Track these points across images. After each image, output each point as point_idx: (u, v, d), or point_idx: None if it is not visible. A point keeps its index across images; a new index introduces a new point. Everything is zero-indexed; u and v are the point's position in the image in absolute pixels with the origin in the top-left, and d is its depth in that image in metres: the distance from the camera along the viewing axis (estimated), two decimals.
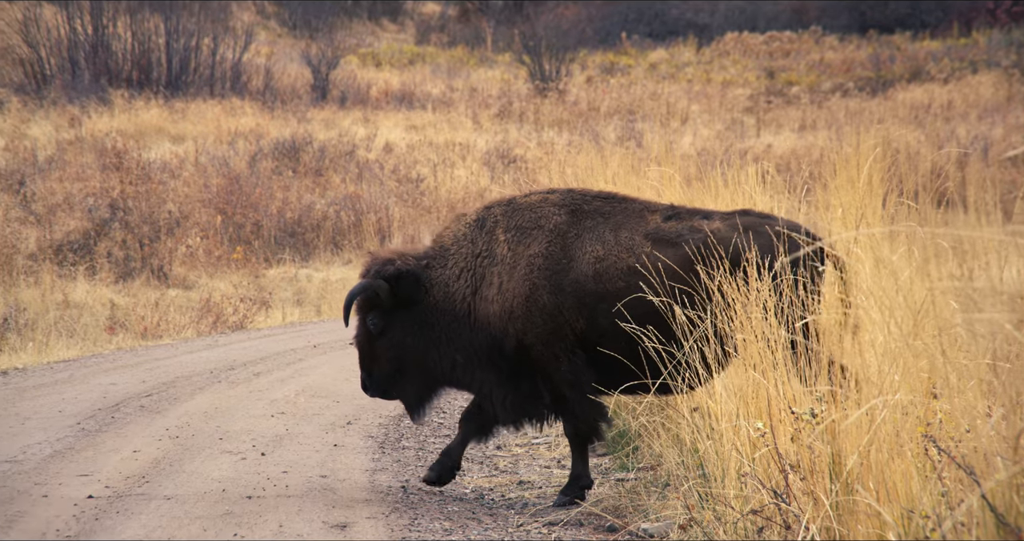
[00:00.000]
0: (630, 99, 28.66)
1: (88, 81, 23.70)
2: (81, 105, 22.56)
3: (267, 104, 24.92)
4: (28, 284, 13.31)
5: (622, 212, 5.82)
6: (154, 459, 6.49)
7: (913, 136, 21.39)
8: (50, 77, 23.69)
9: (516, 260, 5.79)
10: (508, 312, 5.77)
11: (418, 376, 5.96)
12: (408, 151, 22.50)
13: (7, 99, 22.33)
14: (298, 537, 5.11)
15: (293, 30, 35.03)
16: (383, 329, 5.93)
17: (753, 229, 5.59)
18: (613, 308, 5.63)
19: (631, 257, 5.66)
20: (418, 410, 6.07)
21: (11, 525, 5.17)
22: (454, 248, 5.94)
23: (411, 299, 5.91)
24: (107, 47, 24.38)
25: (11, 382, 9.19)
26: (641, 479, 6.10)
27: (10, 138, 19.56)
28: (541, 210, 5.85)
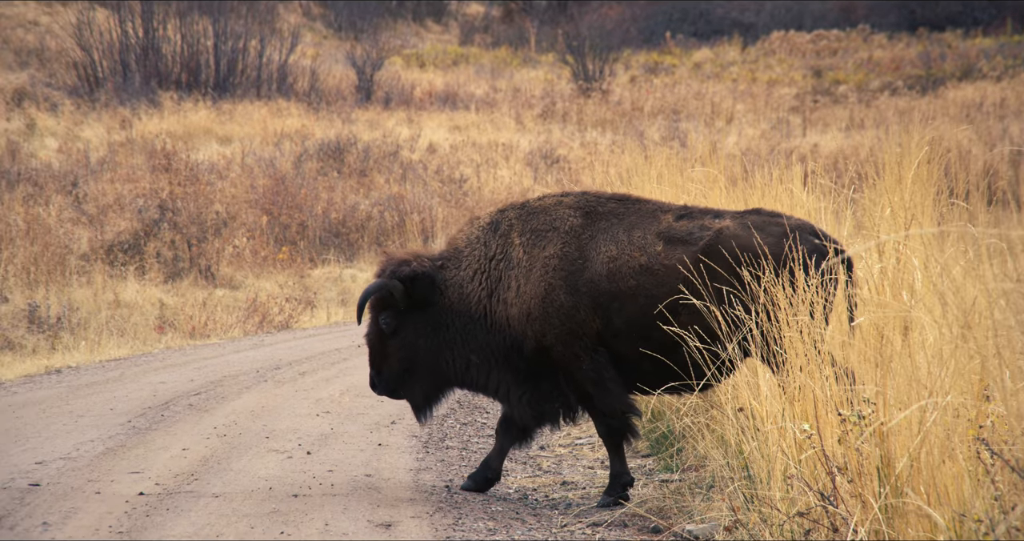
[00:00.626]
0: (674, 99, 28.51)
1: (139, 83, 24.06)
2: (132, 107, 22.91)
3: (312, 105, 25.12)
4: (81, 284, 13.54)
5: (636, 213, 5.85)
6: (202, 457, 6.57)
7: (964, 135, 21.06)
8: (102, 80, 24.08)
9: (532, 263, 5.83)
10: (526, 314, 5.81)
11: (428, 377, 6.01)
12: (451, 152, 22.57)
13: (61, 102, 22.73)
14: (343, 536, 5.15)
15: (338, 32, 35.29)
16: (395, 329, 5.97)
17: (762, 227, 5.60)
18: (625, 307, 5.67)
19: (643, 256, 5.70)
20: (424, 410, 6.11)
21: (66, 521, 5.27)
22: (468, 251, 5.99)
23: (425, 300, 5.95)
24: (157, 50, 24.74)
25: (65, 380, 9.36)
26: (685, 480, 6.07)
27: (64, 140, 19.91)
28: (555, 213, 5.89)
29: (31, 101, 22.66)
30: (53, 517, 5.30)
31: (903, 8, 37.21)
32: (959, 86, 29.16)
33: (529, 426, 6.00)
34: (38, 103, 22.59)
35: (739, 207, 7.49)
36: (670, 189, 8.75)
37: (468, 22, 38.65)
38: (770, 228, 5.61)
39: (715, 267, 5.54)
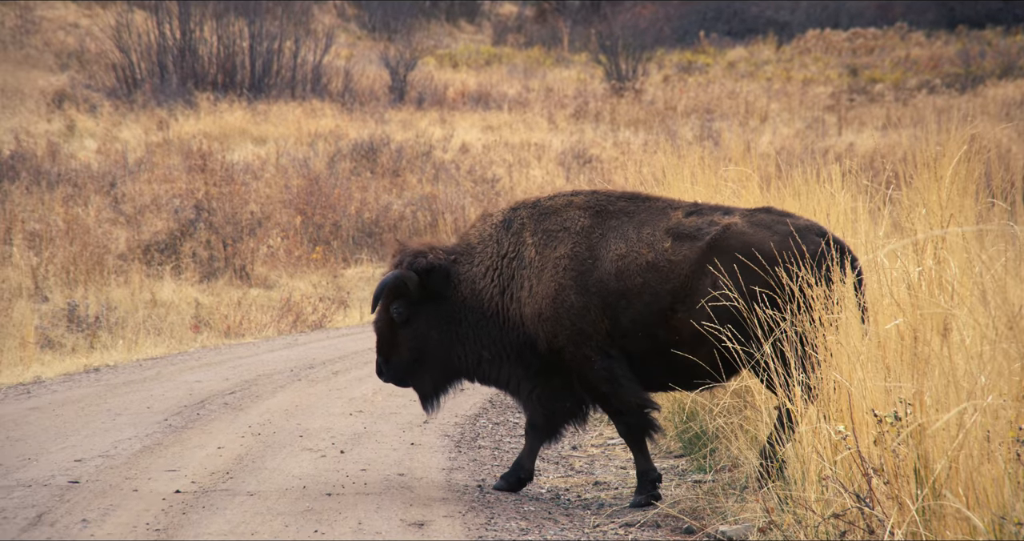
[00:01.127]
0: (708, 98, 28.37)
1: (176, 85, 24.30)
2: (169, 108, 23.15)
3: (346, 106, 25.25)
4: (118, 283, 13.69)
5: (646, 210, 5.84)
6: (237, 455, 6.63)
7: (1004, 133, 20.78)
8: (140, 81, 24.35)
9: (544, 263, 5.84)
10: (538, 314, 5.82)
11: (438, 368, 6.02)
12: (484, 151, 22.60)
13: (100, 103, 23.00)
14: (377, 535, 5.17)
15: (372, 32, 35.44)
16: (407, 319, 5.98)
17: (770, 225, 5.58)
18: (631, 305, 5.67)
19: (650, 252, 5.70)
20: (433, 401, 6.13)
21: (104, 518, 5.33)
22: (480, 247, 6.00)
23: (438, 292, 5.96)
24: (194, 51, 24.98)
25: (103, 379, 9.47)
26: (719, 481, 6.03)
27: (102, 141, 20.15)
28: (567, 213, 5.89)
29: (71, 102, 22.95)
30: (92, 514, 5.37)
31: (942, 6, 36.77)
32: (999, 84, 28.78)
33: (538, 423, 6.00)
34: (78, 105, 22.88)
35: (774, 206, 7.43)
36: (703, 189, 8.70)
37: (501, 22, 38.67)
38: (777, 226, 5.58)
39: (719, 262, 5.51)
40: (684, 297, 5.60)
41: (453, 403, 8.36)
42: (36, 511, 5.38)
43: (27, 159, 17.58)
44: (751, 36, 36.36)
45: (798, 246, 5.46)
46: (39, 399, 8.45)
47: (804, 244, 5.46)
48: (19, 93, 22.83)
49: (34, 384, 9.21)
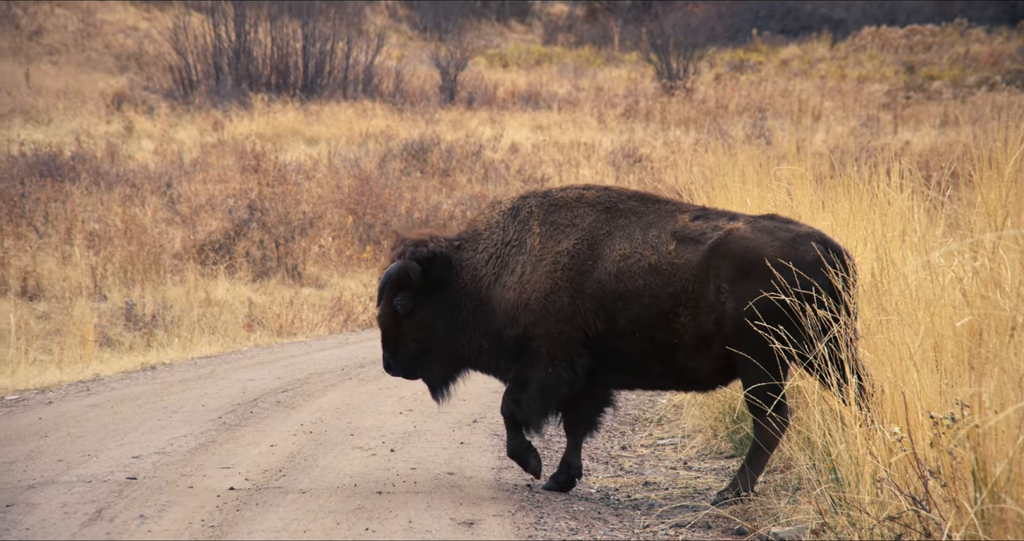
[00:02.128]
0: (760, 96, 28.09)
1: (230, 86, 24.63)
2: (223, 109, 23.46)
3: (397, 106, 25.40)
4: (174, 282, 13.91)
5: (655, 212, 5.82)
6: (290, 453, 6.70)
7: None
8: (196, 83, 24.71)
9: (544, 254, 5.81)
10: (524, 303, 5.78)
11: (444, 357, 6.01)
12: (533, 151, 22.59)
13: (157, 105, 23.38)
14: (427, 533, 5.20)
15: (423, 33, 35.60)
16: (411, 310, 5.95)
17: (772, 231, 5.57)
18: (630, 307, 5.64)
19: (654, 255, 5.68)
20: (442, 390, 6.13)
21: (161, 514, 5.42)
22: (486, 233, 5.97)
23: (441, 281, 5.93)
24: (248, 52, 25.29)
25: (159, 377, 9.63)
26: (770, 482, 5.97)
27: (159, 142, 20.48)
28: (577, 209, 5.86)
29: (130, 104, 23.36)
30: (149, 510, 5.46)
31: (1003, 2, 36.02)
32: None
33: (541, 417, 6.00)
34: (136, 106, 23.27)
35: (828, 206, 7.36)
36: (755, 188, 8.62)
37: (552, 22, 38.64)
38: (779, 233, 5.57)
39: (719, 266, 5.51)
40: (687, 301, 5.58)
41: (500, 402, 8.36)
42: (96, 507, 5.49)
43: (87, 160, 17.93)
44: (805, 34, 35.92)
45: (798, 252, 5.47)
46: (98, 396, 8.61)
47: (804, 250, 5.47)
48: (80, 95, 23.29)
49: (93, 381, 9.40)
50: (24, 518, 5.28)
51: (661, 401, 8.62)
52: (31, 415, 7.85)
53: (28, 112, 21.30)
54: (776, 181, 8.55)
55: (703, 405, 7.47)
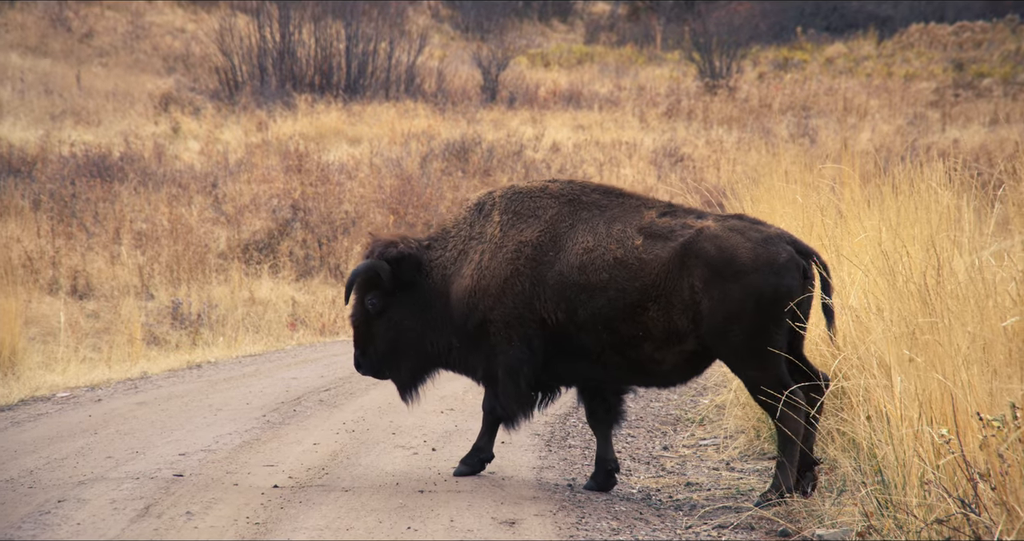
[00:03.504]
0: (804, 95, 27.82)
1: (275, 86, 24.86)
2: (268, 110, 23.68)
3: (439, 106, 25.49)
4: (219, 282, 14.07)
5: (619, 206, 5.84)
6: (332, 452, 6.75)
7: None
8: (241, 83, 24.97)
9: (504, 242, 5.85)
10: (483, 289, 5.83)
11: (413, 357, 6.07)
12: (575, 151, 22.56)
13: (203, 105, 23.66)
14: (468, 532, 5.21)
15: (465, 33, 35.69)
16: (381, 309, 6.03)
17: (743, 232, 5.58)
18: (593, 299, 5.68)
19: (619, 248, 5.69)
20: (410, 390, 6.18)
21: (207, 511, 5.48)
22: (454, 232, 6.05)
23: (411, 281, 5.99)
24: (292, 53, 25.52)
25: (204, 375, 9.75)
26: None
27: (205, 142, 20.72)
28: (540, 200, 5.90)
29: (176, 105, 23.66)
30: (195, 507, 5.53)
31: None
32: None
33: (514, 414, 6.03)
34: (183, 107, 23.57)
35: (875, 204, 7.28)
36: (799, 187, 8.54)
37: (594, 21, 38.56)
38: (750, 233, 5.59)
39: (692, 265, 5.53)
40: (657, 296, 5.61)
41: None
42: (144, 503, 5.57)
43: (135, 160, 18.19)
44: (851, 31, 35.50)
45: (770, 253, 5.50)
46: (145, 394, 8.74)
47: (775, 251, 5.51)
48: (129, 96, 23.64)
49: (141, 379, 9.53)
50: (75, 513, 5.38)
51: (703, 401, 8.58)
52: (81, 412, 7.98)
53: (79, 113, 21.65)
54: (821, 180, 8.47)
55: (746, 405, 7.42)
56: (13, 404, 8.36)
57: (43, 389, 8.90)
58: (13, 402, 8.42)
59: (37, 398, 8.60)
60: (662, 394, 9.21)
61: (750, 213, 8.63)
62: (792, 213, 8.04)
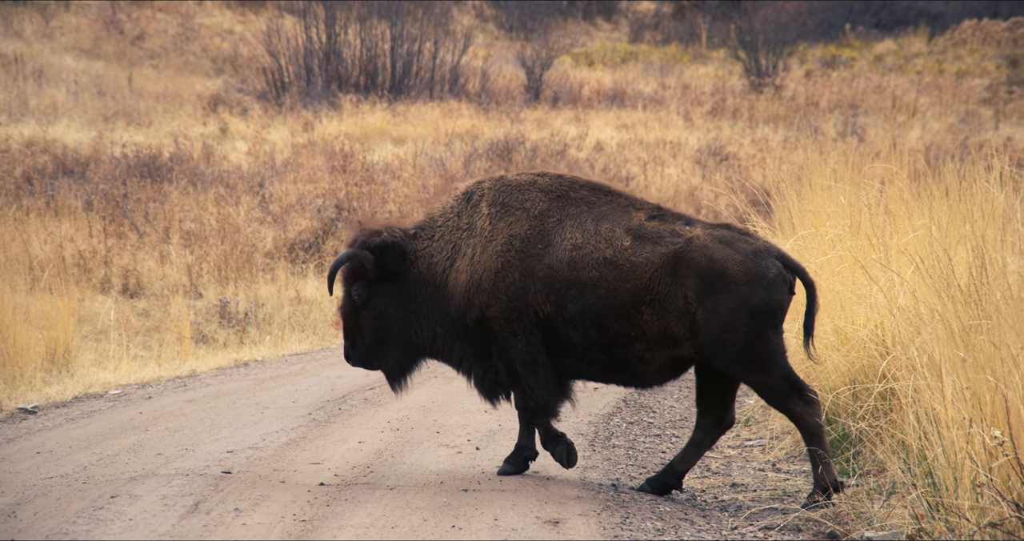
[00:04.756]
0: (852, 93, 27.49)
1: (320, 87, 25.06)
2: (314, 110, 23.88)
3: (482, 105, 25.53)
4: (266, 281, 14.22)
5: (607, 204, 5.87)
6: (377, 450, 6.79)
7: None
8: (288, 84, 25.20)
9: (494, 235, 5.89)
10: (476, 284, 5.87)
11: (399, 346, 6.09)
12: (618, 150, 22.49)
13: (251, 106, 23.91)
14: (512, 531, 5.22)
15: (509, 32, 35.71)
16: (367, 299, 6.04)
17: (731, 243, 5.64)
18: (583, 296, 5.72)
19: (608, 248, 5.73)
20: (399, 380, 6.20)
21: (255, 508, 5.55)
22: (442, 221, 6.07)
23: (396, 271, 6.01)
24: (338, 54, 25.70)
25: (252, 373, 9.86)
26: (863, 485, 5.85)
27: (252, 143, 20.94)
28: (528, 193, 5.93)
29: (224, 106, 23.93)
30: (243, 503, 5.59)
31: None
32: None
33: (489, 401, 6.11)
34: (231, 108, 23.83)
35: (924, 204, 7.19)
36: (847, 186, 8.45)
37: (638, 20, 38.41)
38: (739, 245, 5.65)
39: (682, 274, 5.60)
40: (650, 300, 5.66)
41: (587, 401, 8.36)
42: (193, 499, 5.64)
43: (184, 161, 18.43)
44: (901, 28, 34.99)
45: (759, 267, 5.58)
46: (194, 392, 8.86)
47: (765, 265, 5.59)
48: (178, 98, 23.95)
49: (190, 377, 9.66)
50: (127, 509, 5.46)
51: (748, 402, 8.51)
52: (132, 409, 8.11)
53: (130, 115, 21.99)
54: (869, 179, 8.37)
55: None
56: (68, 401, 8.52)
57: (96, 386, 9.05)
58: (68, 399, 8.58)
59: (90, 395, 8.75)
60: None
61: (796, 212, 8.55)
62: (838, 212, 7.96)
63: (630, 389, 7.31)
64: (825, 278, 7.28)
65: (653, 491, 6.01)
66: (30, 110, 21.13)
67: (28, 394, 8.72)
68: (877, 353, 6.39)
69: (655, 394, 8.87)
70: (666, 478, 6.00)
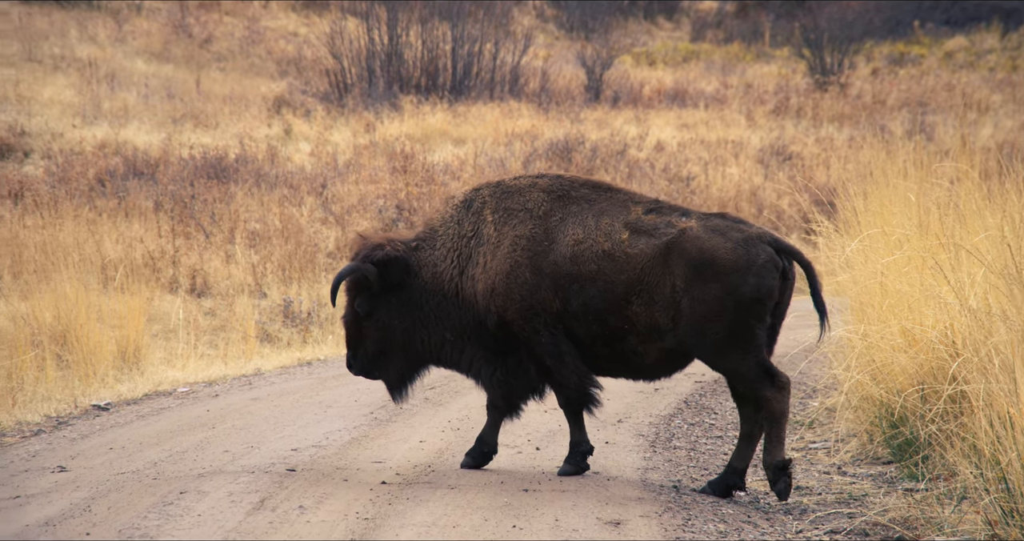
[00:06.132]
0: (921, 91, 26.96)
1: (382, 88, 25.27)
2: (375, 111, 24.08)
3: (542, 106, 25.53)
4: (328, 280, 14.37)
5: (607, 200, 5.99)
6: (438, 449, 6.83)
7: None
8: (350, 86, 25.45)
9: (501, 240, 6.00)
10: (491, 289, 5.98)
11: (402, 356, 6.19)
12: (679, 149, 22.33)
13: (314, 108, 24.19)
14: (573, 532, 5.21)
15: (570, 32, 35.66)
16: (370, 311, 6.13)
17: (724, 232, 5.73)
18: (584, 290, 5.85)
19: (607, 242, 5.86)
20: (400, 390, 6.29)
21: (319, 505, 5.61)
22: (442, 230, 6.16)
23: (399, 283, 6.10)
24: (400, 55, 25.89)
25: (314, 372, 9.98)
26: (932, 490, 5.73)
27: (315, 144, 21.18)
28: (529, 194, 6.04)
29: (288, 108, 24.25)
30: (308, 501, 5.66)
31: None
32: None
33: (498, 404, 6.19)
34: (294, 109, 24.14)
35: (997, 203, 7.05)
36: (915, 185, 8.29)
37: (700, 18, 38.09)
38: (731, 233, 5.74)
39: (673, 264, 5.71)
40: (640, 291, 5.78)
41: (647, 403, 8.31)
42: (259, 496, 5.73)
43: (249, 162, 18.71)
44: (972, 25, 34.22)
45: (749, 254, 5.67)
46: (259, 390, 8.99)
47: (755, 252, 5.67)
48: (244, 100, 24.33)
49: (255, 376, 9.81)
50: (196, 505, 5.56)
51: (813, 404, 8.40)
52: (200, 407, 8.26)
53: (198, 117, 22.39)
54: (938, 178, 8.20)
55: (858, 408, 7.23)
56: (138, 398, 8.71)
57: (165, 384, 9.24)
58: (138, 396, 8.76)
59: (160, 393, 8.93)
60: None
61: (861, 211, 8.41)
62: (905, 211, 7.81)
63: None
64: (891, 278, 7.15)
65: (716, 494, 5.96)
66: (103, 113, 21.62)
67: (101, 391, 8.93)
68: (947, 355, 6.26)
69: (716, 395, 8.80)
70: (728, 479, 5.95)
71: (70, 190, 16.02)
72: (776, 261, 5.72)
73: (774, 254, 5.72)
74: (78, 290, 9.80)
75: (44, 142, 19.13)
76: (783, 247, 5.75)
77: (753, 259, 5.68)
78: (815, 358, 8.43)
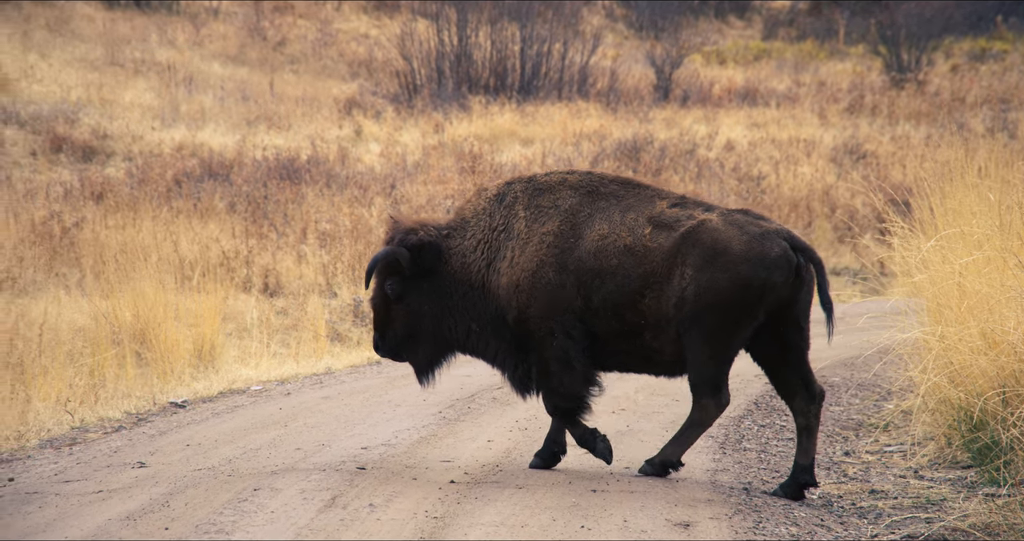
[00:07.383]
0: (1003, 87, 26.27)
1: (451, 89, 25.42)
2: (444, 112, 24.23)
3: (610, 105, 25.43)
4: None
5: (635, 196, 6.02)
6: (506, 449, 6.85)
7: None
8: (420, 87, 25.66)
9: (530, 236, 6.02)
10: (515, 284, 5.99)
11: (431, 341, 6.21)
12: (749, 149, 22.06)
13: (384, 109, 24.44)
14: (642, 533, 5.18)
15: (639, 32, 35.48)
16: (400, 294, 6.16)
17: (742, 226, 5.75)
18: (604, 285, 5.87)
19: (629, 236, 5.89)
20: (427, 373, 6.32)
21: (388, 503, 5.67)
22: (473, 221, 6.18)
23: (430, 268, 6.13)
24: (469, 56, 26.03)
25: (384, 371, 10.07)
26: (1015, 495, 5.58)
27: (385, 145, 21.40)
28: (559, 192, 6.07)
29: (359, 109, 24.53)
30: (377, 499, 5.72)
31: None
32: None
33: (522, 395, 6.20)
34: (365, 111, 24.41)
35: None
36: (995, 183, 8.07)
37: (772, 16, 37.60)
38: (748, 228, 5.77)
39: (687, 254, 5.74)
40: (653, 283, 5.81)
41: None
42: (330, 494, 5.80)
43: (320, 163, 18.97)
44: None
45: (763, 248, 5.68)
46: (330, 389, 9.10)
47: (769, 246, 5.69)
48: (316, 101, 24.68)
49: (326, 375, 9.94)
50: (269, 502, 5.66)
51: (888, 406, 8.23)
52: (272, 405, 8.39)
53: (271, 119, 22.77)
54: (1020, 177, 7.98)
55: (935, 411, 7.07)
56: (213, 396, 8.89)
57: (239, 382, 9.41)
58: (213, 394, 8.94)
59: (234, 391, 9.10)
60: (843, 398, 8.89)
61: (938, 211, 8.22)
62: (985, 210, 7.62)
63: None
64: (970, 279, 6.98)
65: (788, 496, 5.89)
66: (180, 115, 22.11)
67: (178, 389, 9.13)
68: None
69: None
70: (798, 478, 5.89)
71: (149, 191, 16.42)
72: (790, 257, 5.74)
73: (789, 250, 5.75)
74: (156, 289, 10.04)
75: (125, 144, 19.63)
76: (798, 244, 5.79)
77: (767, 252, 5.71)
78: (890, 360, 8.27)
